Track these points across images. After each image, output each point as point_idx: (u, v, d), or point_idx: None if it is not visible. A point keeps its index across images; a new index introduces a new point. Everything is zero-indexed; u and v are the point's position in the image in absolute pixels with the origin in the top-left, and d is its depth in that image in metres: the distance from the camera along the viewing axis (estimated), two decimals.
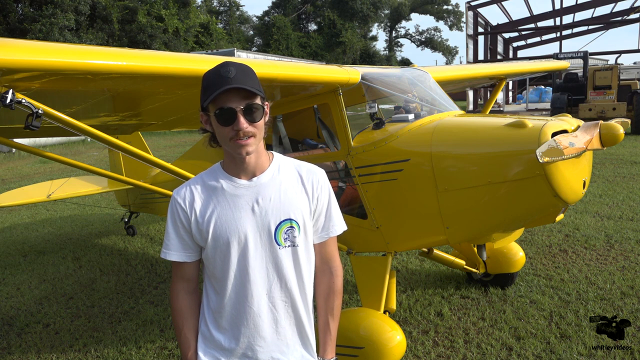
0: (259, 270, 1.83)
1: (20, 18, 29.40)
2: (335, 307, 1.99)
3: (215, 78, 1.73)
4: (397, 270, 5.48)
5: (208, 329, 1.91)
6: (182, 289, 1.94)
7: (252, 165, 1.83)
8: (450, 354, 3.80)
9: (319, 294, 2.00)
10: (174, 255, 1.90)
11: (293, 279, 1.87)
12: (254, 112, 1.74)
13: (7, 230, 8.54)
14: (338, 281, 2.01)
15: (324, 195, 1.93)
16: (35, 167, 16.91)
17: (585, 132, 2.93)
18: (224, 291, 1.85)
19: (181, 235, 1.88)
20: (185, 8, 38.36)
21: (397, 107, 4.13)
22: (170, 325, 4.52)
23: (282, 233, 1.83)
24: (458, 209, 3.29)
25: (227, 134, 1.74)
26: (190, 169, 3.55)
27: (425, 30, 72.91)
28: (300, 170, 1.93)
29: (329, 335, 1.98)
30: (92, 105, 3.19)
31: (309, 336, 1.95)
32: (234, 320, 1.86)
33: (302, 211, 1.86)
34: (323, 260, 2.00)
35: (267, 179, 1.85)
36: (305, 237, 1.89)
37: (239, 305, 1.85)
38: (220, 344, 1.88)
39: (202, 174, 1.93)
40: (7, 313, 5.07)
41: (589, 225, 6.73)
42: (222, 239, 1.81)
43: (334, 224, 1.98)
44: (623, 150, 12.94)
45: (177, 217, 1.87)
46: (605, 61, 30.99)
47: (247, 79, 1.73)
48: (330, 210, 1.96)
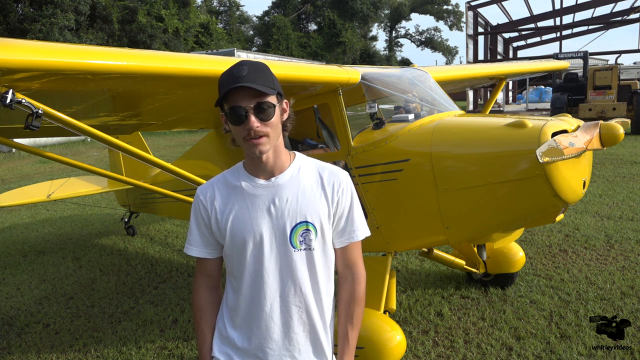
0: (272, 272, 1.81)
1: (20, 18, 29.41)
2: (356, 315, 1.92)
3: (227, 77, 1.73)
4: (397, 270, 5.47)
5: (224, 326, 1.91)
6: (202, 284, 1.96)
7: (270, 164, 1.82)
8: (450, 354, 3.80)
9: (340, 301, 1.95)
10: (195, 250, 1.92)
11: (307, 283, 1.83)
12: (265, 110, 1.72)
13: (7, 230, 8.54)
14: (360, 288, 1.94)
15: (345, 198, 1.88)
16: (35, 167, 16.91)
17: (585, 132, 2.93)
18: (240, 289, 1.86)
19: (202, 232, 1.90)
20: (185, 8, 38.37)
21: (397, 107, 4.13)
22: (170, 325, 4.52)
23: (298, 236, 1.80)
24: (458, 209, 3.29)
25: (240, 133, 1.74)
26: (190, 169, 3.56)
27: (425, 30, 73.09)
28: (322, 172, 1.89)
29: (347, 344, 1.91)
30: (92, 105, 3.19)
31: (323, 346, 1.89)
32: (248, 320, 1.86)
33: (320, 214, 1.82)
34: (346, 266, 1.94)
35: (286, 180, 1.84)
36: (322, 241, 1.85)
37: (253, 305, 1.84)
38: (234, 342, 1.88)
39: (225, 173, 1.93)
40: (7, 313, 5.07)
41: (589, 225, 6.73)
42: (239, 238, 1.81)
43: (356, 228, 1.91)
44: (623, 150, 12.94)
45: (199, 213, 1.89)
46: (605, 61, 30.99)
47: (259, 78, 1.71)
48: (352, 215, 1.90)
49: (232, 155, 5.00)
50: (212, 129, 5.05)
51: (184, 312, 4.77)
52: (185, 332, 4.38)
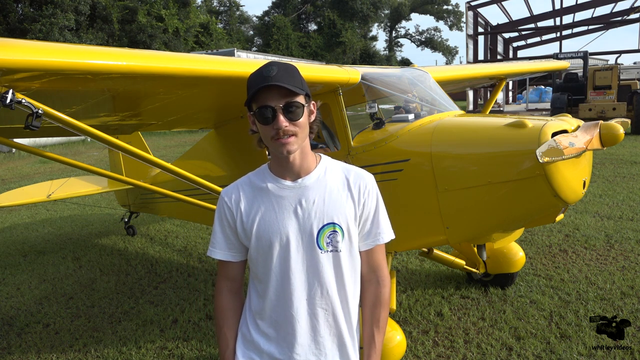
0: (299, 274, 1.79)
1: (20, 18, 29.41)
2: (382, 318, 1.91)
3: (257, 77, 1.72)
4: (397, 270, 5.47)
5: (248, 330, 1.89)
6: (225, 287, 1.93)
7: (296, 165, 1.80)
8: (450, 354, 3.80)
9: (365, 304, 1.93)
10: (219, 253, 1.89)
11: (333, 286, 1.81)
12: (294, 110, 1.72)
13: (7, 230, 8.54)
14: (385, 291, 1.92)
15: (371, 200, 1.88)
16: (35, 167, 16.91)
17: (585, 132, 2.93)
18: (265, 293, 1.83)
19: (227, 234, 1.87)
20: (185, 8, 38.38)
21: (397, 107, 4.13)
22: (170, 325, 4.52)
23: (325, 237, 1.79)
24: (458, 209, 3.29)
25: (268, 133, 1.73)
26: (190, 169, 3.56)
27: (425, 30, 73.11)
28: (348, 174, 1.88)
29: (373, 348, 1.88)
30: (92, 105, 3.19)
31: (349, 351, 1.87)
32: (274, 324, 1.84)
33: (347, 216, 1.81)
34: (370, 269, 1.93)
35: (312, 181, 1.82)
36: (349, 243, 1.83)
37: (279, 308, 1.82)
38: (259, 346, 1.85)
39: (250, 174, 1.92)
40: (7, 313, 5.07)
41: (589, 225, 6.73)
42: (265, 240, 1.79)
43: (382, 231, 1.91)
44: (623, 150, 12.94)
45: (223, 215, 1.86)
46: (605, 61, 31.00)
47: (288, 78, 1.71)
48: (377, 217, 1.90)
49: (232, 156, 5.01)
50: (212, 129, 5.05)
51: (184, 312, 4.77)
52: (185, 332, 4.38)
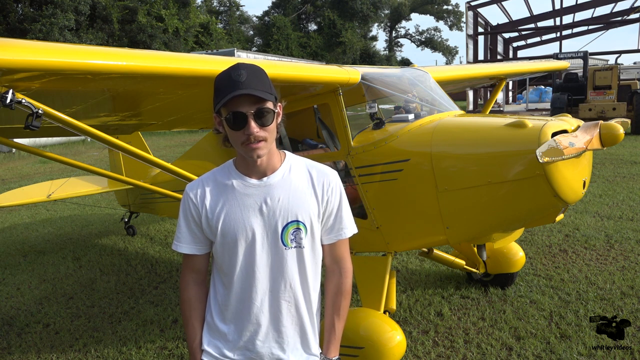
0: (264, 269, 1.86)
1: (20, 18, 29.42)
2: (342, 307, 2.01)
3: (226, 82, 1.73)
4: (397, 270, 5.47)
5: (213, 320, 1.96)
6: (191, 280, 1.99)
7: (263, 166, 1.86)
8: (450, 354, 3.80)
9: (327, 294, 2.03)
10: (185, 247, 1.94)
11: (297, 279, 1.89)
12: (265, 116, 1.75)
13: (7, 230, 8.54)
14: (347, 282, 2.02)
15: (334, 197, 1.94)
16: (35, 167, 16.91)
17: (585, 132, 2.93)
18: (230, 285, 1.89)
19: (192, 229, 1.92)
20: (185, 8, 38.37)
21: (397, 107, 4.13)
22: (170, 325, 4.52)
23: (289, 234, 1.85)
24: (458, 209, 3.29)
25: (238, 138, 1.76)
26: (190, 169, 3.55)
27: (425, 30, 73.04)
28: (312, 171, 1.94)
29: (333, 334, 2.00)
30: (92, 105, 3.19)
31: (310, 338, 1.96)
32: (238, 314, 1.90)
33: (310, 213, 1.88)
34: (334, 261, 2.02)
35: (277, 179, 1.87)
36: (312, 239, 1.91)
37: (244, 300, 1.89)
38: (225, 335, 1.93)
39: (215, 170, 1.95)
40: (7, 313, 5.07)
41: (589, 225, 6.73)
42: (230, 237, 1.84)
43: (344, 226, 1.99)
44: (623, 150, 12.94)
45: (188, 211, 1.91)
46: (605, 61, 30.98)
47: (258, 83, 1.73)
48: (340, 213, 1.97)
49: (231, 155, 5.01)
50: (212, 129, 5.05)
51: None
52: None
